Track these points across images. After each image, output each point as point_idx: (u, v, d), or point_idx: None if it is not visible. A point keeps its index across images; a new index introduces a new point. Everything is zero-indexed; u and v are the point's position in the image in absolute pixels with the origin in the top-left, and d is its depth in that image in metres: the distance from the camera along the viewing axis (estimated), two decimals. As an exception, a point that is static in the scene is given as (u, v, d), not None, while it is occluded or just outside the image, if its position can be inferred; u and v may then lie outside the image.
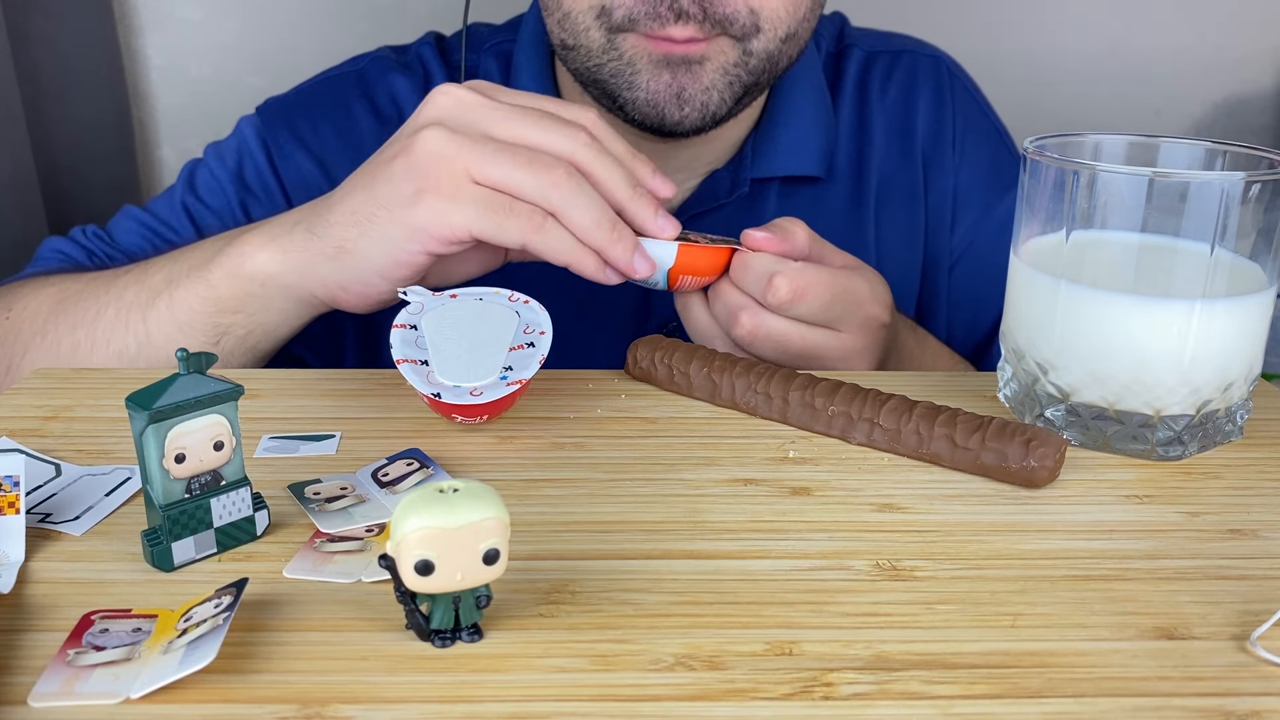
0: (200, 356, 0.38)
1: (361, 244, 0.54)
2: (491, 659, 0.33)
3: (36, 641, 0.34)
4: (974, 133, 0.79)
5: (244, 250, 0.57)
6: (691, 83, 0.64)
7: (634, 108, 0.65)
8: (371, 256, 0.54)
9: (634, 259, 0.53)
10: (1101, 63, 1.28)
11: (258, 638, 0.34)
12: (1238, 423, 0.48)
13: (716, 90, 0.64)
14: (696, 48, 0.63)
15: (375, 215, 0.53)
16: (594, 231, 0.52)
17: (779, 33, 0.64)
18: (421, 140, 0.52)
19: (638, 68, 0.64)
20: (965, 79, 0.81)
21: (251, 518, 0.40)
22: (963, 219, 0.78)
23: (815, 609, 0.36)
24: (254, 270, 0.57)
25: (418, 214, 0.52)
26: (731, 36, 0.63)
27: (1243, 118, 1.32)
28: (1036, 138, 0.49)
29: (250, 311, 0.58)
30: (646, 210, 0.54)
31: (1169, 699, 0.32)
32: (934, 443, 0.46)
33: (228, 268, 0.58)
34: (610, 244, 0.52)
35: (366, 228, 0.54)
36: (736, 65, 0.64)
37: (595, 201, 0.52)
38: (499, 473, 0.45)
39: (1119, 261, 0.47)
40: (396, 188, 0.53)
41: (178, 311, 0.58)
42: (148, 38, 1.21)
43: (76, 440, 0.48)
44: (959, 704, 0.31)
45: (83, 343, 0.60)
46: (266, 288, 0.57)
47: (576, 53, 0.66)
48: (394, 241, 0.53)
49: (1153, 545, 0.40)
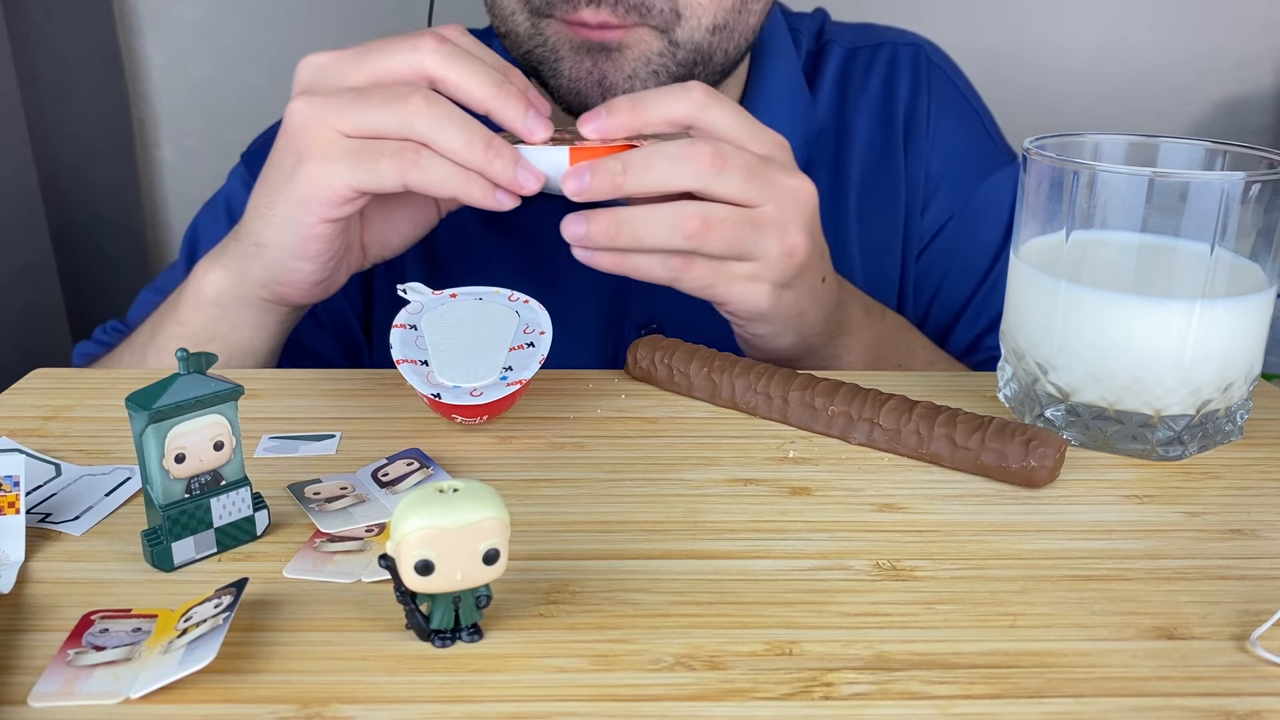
0: (200, 356, 0.38)
1: (270, 233, 0.54)
2: (491, 659, 0.33)
3: (36, 641, 0.34)
4: (949, 116, 0.78)
5: (198, 277, 0.59)
6: (613, 70, 0.63)
7: (560, 94, 0.65)
8: (282, 242, 0.54)
9: (517, 173, 0.50)
10: (1101, 63, 1.28)
11: (258, 638, 0.34)
12: (1238, 423, 0.48)
13: (639, 79, 0.64)
14: (613, 35, 0.62)
15: (272, 201, 0.54)
16: (467, 152, 0.50)
17: (703, 23, 0.63)
18: (289, 115, 0.52)
19: (560, 54, 0.64)
20: (945, 64, 0.80)
21: (251, 518, 0.40)
22: (933, 203, 0.77)
23: (815, 609, 0.36)
24: (208, 292, 0.58)
25: (300, 186, 0.52)
26: (652, 26, 0.62)
27: (1243, 118, 1.32)
28: (1036, 138, 0.49)
29: (223, 334, 0.59)
30: (514, 110, 0.51)
31: (1169, 699, 0.32)
32: (934, 443, 0.46)
33: (189, 299, 0.59)
34: (487, 162, 0.50)
35: (269, 216, 0.54)
36: (662, 55, 0.63)
37: (460, 121, 0.50)
38: (499, 473, 0.45)
39: (1119, 261, 0.47)
40: (282, 167, 0.53)
41: (164, 358, 0.60)
42: (148, 38, 1.21)
43: (76, 440, 0.48)
44: (959, 704, 0.31)
45: None
46: (224, 306, 0.58)
47: (508, 39, 0.66)
48: (292, 220, 0.53)
49: (1153, 545, 0.40)
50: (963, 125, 0.79)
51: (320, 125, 0.51)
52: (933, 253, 0.77)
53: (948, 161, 0.77)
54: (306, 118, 0.52)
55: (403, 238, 0.59)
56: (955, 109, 0.79)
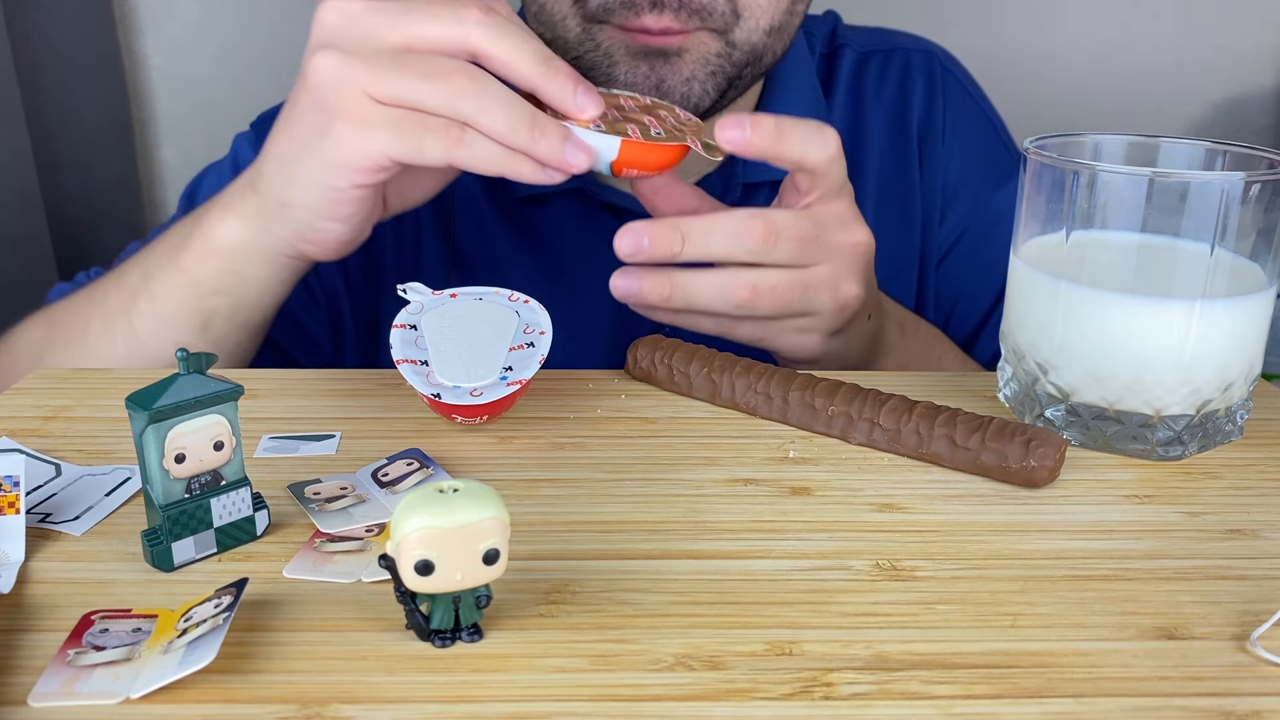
0: (200, 357, 0.38)
1: (297, 193, 0.52)
2: (491, 659, 0.33)
3: (36, 641, 0.34)
4: (964, 125, 0.78)
5: (207, 227, 0.56)
6: (671, 74, 0.63)
7: None
8: (310, 203, 0.52)
9: (565, 152, 0.49)
10: (1101, 63, 1.28)
11: (258, 638, 0.34)
12: (1238, 423, 0.48)
13: (698, 81, 0.63)
14: (674, 40, 0.62)
15: (298, 158, 0.51)
16: (512, 134, 0.48)
17: (761, 24, 0.63)
18: (314, 67, 0.49)
19: (615, 59, 0.63)
20: (959, 72, 0.80)
21: (251, 518, 0.40)
22: (952, 212, 0.77)
23: (815, 609, 0.36)
24: (221, 244, 0.55)
25: (332, 149, 0.49)
26: (711, 29, 0.62)
27: (1243, 118, 1.32)
28: (1036, 138, 0.49)
29: (229, 290, 0.56)
30: (563, 88, 0.49)
31: (1169, 699, 0.32)
32: (934, 443, 0.46)
33: (196, 249, 0.56)
34: (534, 143, 0.48)
35: (295, 174, 0.52)
36: (719, 56, 0.63)
37: (506, 100, 0.48)
38: (499, 473, 0.45)
39: (1119, 261, 0.47)
40: (307, 125, 0.50)
41: (159, 306, 0.57)
42: (148, 38, 1.21)
43: (76, 440, 0.48)
44: (959, 704, 0.31)
45: (77, 358, 0.59)
46: (237, 259, 0.55)
47: (554, 45, 0.64)
48: (322, 182, 0.51)
49: (1153, 545, 0.40)
50: (978, 134, 0.79)
51: (352, 86, 0.48)
52: (952, 262, 0.77)
53: (965, 170, 0.77)
54: (337, 75, 0.48)
55: (424, 191, 0.57)
56: (971, 118, 0.79)
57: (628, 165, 0.51)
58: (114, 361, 0.59)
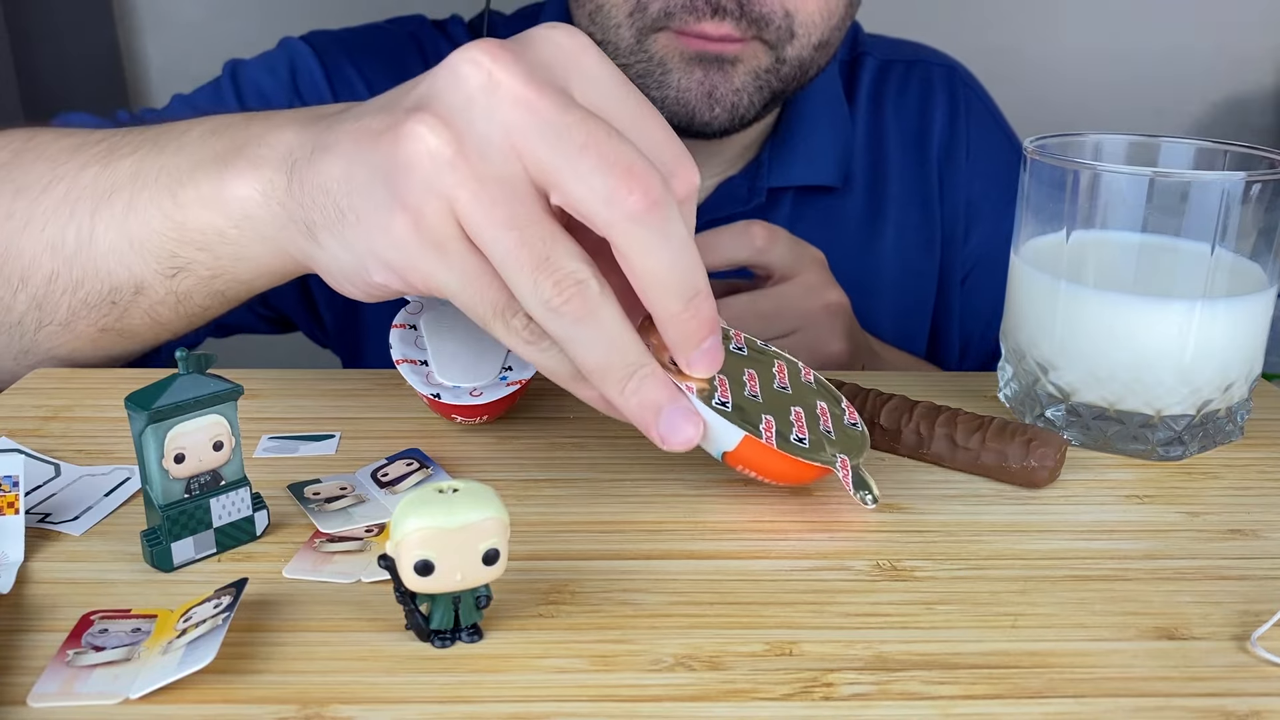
0: (200, 357, 0.38)
1: (331, 242, 0.43)
2: (491, 659, 0.33)
3: (36, 641, 0.34)
4: (988, 143, 0.79)
5: (224, 176, 0.46)
6: (723, 82, 0.63)
7: (663, 106, 0.64)
8: (339, 259, 0.43)
9: (659, 425, 0.38)
10: (1102, 63, 1.28)
11: (257, 638, 0.34)
12: (1238, 423, 0.48)
13: (747, 93, 0.64)
14: (731, 48, 0.62)
15: (346, 214, 0.41)
16: (599, 379, 0.38)
17: (812, 39, 0.64)
18: (412, 134, 0.37)
19: (668, 66, 0.63)
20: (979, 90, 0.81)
21: (251, 518, 0.40)
22: (976, 230, 0.78)
23: (815, 609, 0.36)
24: (231, 204, 0.46)
25: (386, 243, 0.40)
26: (765, 41, 0.63)
27: (1243, 118, 1.32)
28: (1037, 138, 0.49)
29: (218, 254, 0.47)
30: (689, 338, 0.38)
31: (1169, 699, 0.32)
32: (934, 443, 0.46)
33: (203, 190, 0.46)
34: (620, 401, 0.39)
35: (338, 226, 0.42)
36: (769, 71, 0.64)
37: (609, 337, 0.37)
38: (499, 473, 0.45)
39: (1119, 261, 0.47)
40: (373, 188, 0.40)
41: (132, 223, 0.48)
42: (148, 38, 1.21)
43: (76, 440, 0.48)
44: (959, 704, 0.31)
45: (18, 214, 0.50)
46: (241, 230, 0.46)
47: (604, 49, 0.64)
48: (360, 259, 0.42)
49: (1153, 545, 0.40)
50: (1000, 153, 0.79)
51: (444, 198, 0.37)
52: (975, 280, 0.78)
53: (987, 189, 0.78)
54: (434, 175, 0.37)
55: None
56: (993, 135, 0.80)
57: (744, 464, 0.40)
58: (52, 245, 0.49)
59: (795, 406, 0.40)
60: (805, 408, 0.41)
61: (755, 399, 0.40)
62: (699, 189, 0.72)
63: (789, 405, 0.41)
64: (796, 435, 0.39)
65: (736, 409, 0.39)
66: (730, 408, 0.39)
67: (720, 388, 0.39)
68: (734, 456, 0.40)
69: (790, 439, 0.39)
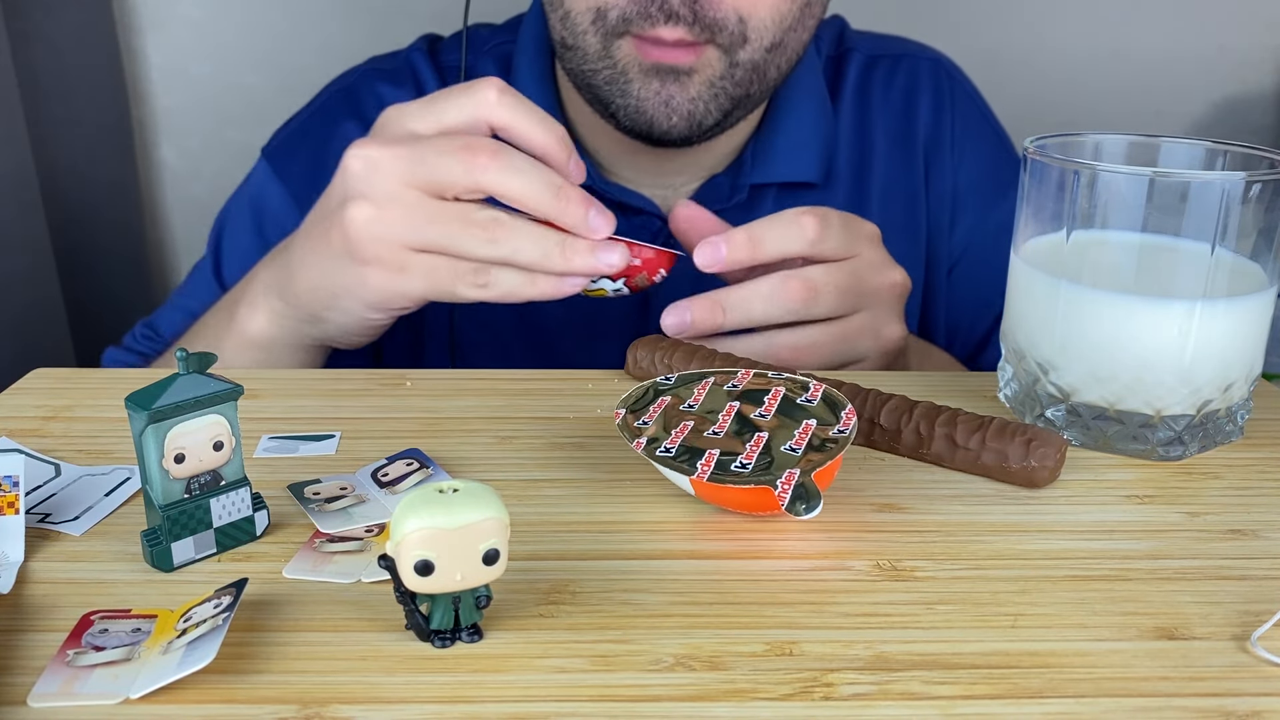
0: (200, 357, 0.38)
1: (332, 315, 0.57)
2: (491, 659, 0.33)
3: (36, 641, 0.34)
4: (973, 135, 0.79)
5: (241, 322, 0.60)
6: (679, 92, 0.64)
7: (625, 114, 0.66)
8: (344, 325, 0.58)
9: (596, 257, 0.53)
10: (1102, 63, 1.28)
11: (258, 638, 0.34)
12: (1238, 423, 0.48)
13: (703, 101, 0.65)
14: (686, 56, 0.63)
15: (334, 294, 0.56)
16: (544, 264, 0.52)
17: (764, 41, 0.64)
18: (350, 219, 0.53)
19: (630, 76, 0.65)
20: (965, 82, 0.81)
21: (251, 518, 0.40)
22: (961, 220, 0.78)
23: (815, 609, 0.36)
24: (255, 337, 0.60)
25: (370, 293, 0.54)
26: (719, 46, 0.63)
27: (1243, 118, 1.32)
28: (1037, 138, 0.49)
29: (265, 368, 0.60)
30: (576, 213, 0.53)
31: (1169, 699, 0.32)
32: (934, 443, 0.46)
33: (233, 340, 0.61)
34: (568, 267, 0.53)
35: (330, 304, 0.57)
36: (723, 78, 0.65)
37: (533, 235, 0.52)
38: (499, 473, 0.45)
39: (1119, 261, 0.47)
40: (343, 266, 0.54)
41: None
42: (148, 38, 1.21)
43: (76, 440, 0.48)
44: (959, 704, 0.31)
45: None
46: (271, 350, 0.60)
47: (574, 53, 0.66)
48: (358, 314, 0.57)
49: (1153, 545, 0.40)
50: (985, 144, 0.80)
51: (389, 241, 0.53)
52: (960, 271, 0.78)
53: (973, 180, 0.78)
54: (372, 230, 0.53)
55: None
56: (979, 128, 0.80)
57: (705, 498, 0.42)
58: None
59: (761, 432, 0.41)
60: (779, 431, 0.41)
61: (715, 436, 0.41)
62: (685, 189, 0.73)
63: (755, 432, 0.41)
64: (740, 463, 0.39)
65: (681, 451, 0.40)
66: (674, 453, 0.40)
67: (672, 437, 0.41)
68: (697, 493, 0.41)
69: (731, 468, 0.39)
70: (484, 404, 0.52)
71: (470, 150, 0.51)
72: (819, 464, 0.39)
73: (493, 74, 0.77)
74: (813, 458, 0.39)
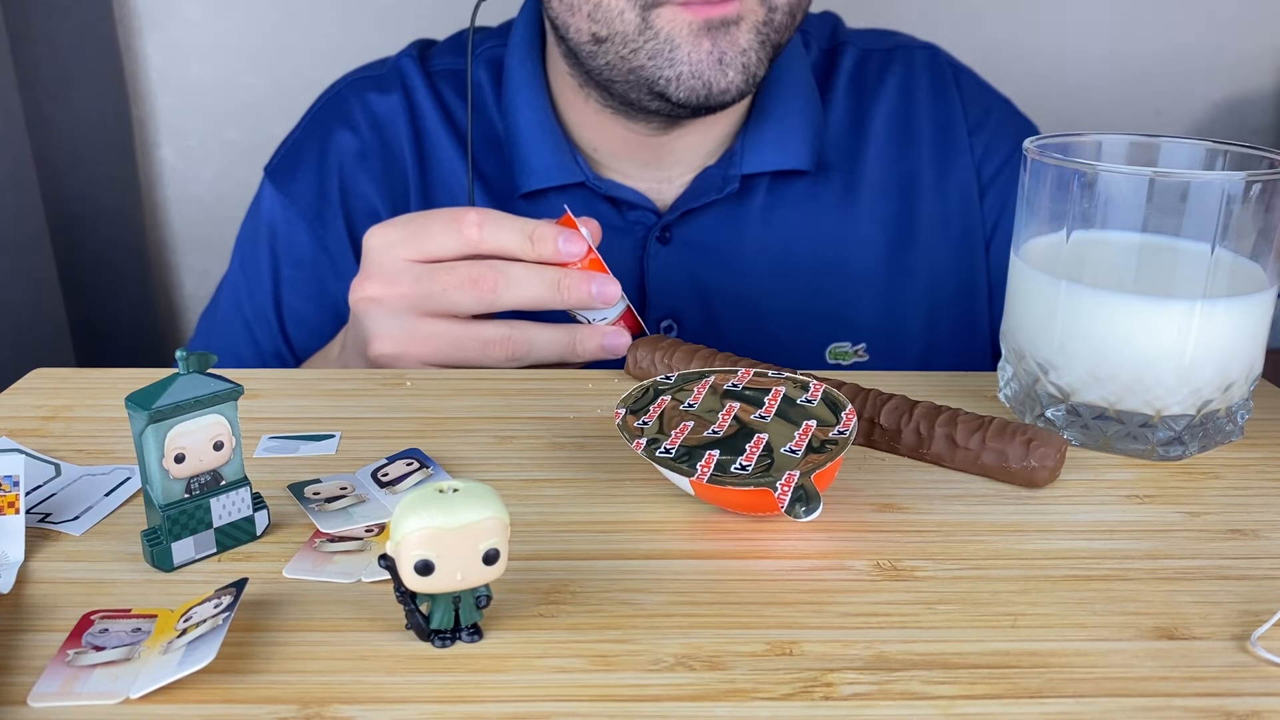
0: (200, 356, 0.38)
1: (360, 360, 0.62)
2: (491, 659, 0.33)
3: (36, 641, 0.34)
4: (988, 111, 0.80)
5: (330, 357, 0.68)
6: (730, 45, 0.64)
7: (678, 84, 0.65)
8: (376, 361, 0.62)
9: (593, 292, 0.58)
10: (1102, 63, 1.28)
11: (258, 638, 0.34)
12: (1238, 423, 0.48)
13: (753, 50, 0.65)
14: (731, 7, 0.63)
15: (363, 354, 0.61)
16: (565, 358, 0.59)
17: None
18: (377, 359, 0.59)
19: (677, 42, 0.64)
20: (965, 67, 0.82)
21: (251, 518, 0.40)
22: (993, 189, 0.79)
23: (815, 609, 0.36)
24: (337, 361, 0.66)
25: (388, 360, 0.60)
26: None
27: (1243, 118, 1.32)
28: (1037, 138, 0.49)
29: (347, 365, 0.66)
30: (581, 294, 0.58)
31: (1169, 699, 0.32)
32: (934, 443, 0.46)
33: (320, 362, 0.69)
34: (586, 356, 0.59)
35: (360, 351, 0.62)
36: (765, 23, 0.65)
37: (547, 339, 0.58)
38: (499, 473, 0.45)
39: (1119, 261, 0.47)
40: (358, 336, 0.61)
41: None
42: (148, 38, 1.21)
43: (76, 440, 0.48)
44: (959, 704, 0.31)
45: None
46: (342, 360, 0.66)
47: (611, 43, 0.65)
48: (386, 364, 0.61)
49: (1153, 545, 0.40)
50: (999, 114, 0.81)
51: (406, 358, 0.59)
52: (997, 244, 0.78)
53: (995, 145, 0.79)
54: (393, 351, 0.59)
55: None
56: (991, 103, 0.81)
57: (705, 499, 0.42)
58: None
59: (763, 434, 0.41)
60: (779, 432, 0.41)
61: (714, 436, 0.41)
62: (678, 183, 0.73)
63: (756, 434, 0.41)
64: (740, 464, 0.39)
65: (681, 452, 0.40)
66: (673, 453, 0.40)
67: (671, 437, 0.41)
68: (697, 494, 0.41)
69: (731, 469, 0.39)
70: (483, 404, 0.52)
71: (476, 284, 0.57)
72: (819, 465, 0.39)
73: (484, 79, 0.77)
74: (813, 459, 0.39)
